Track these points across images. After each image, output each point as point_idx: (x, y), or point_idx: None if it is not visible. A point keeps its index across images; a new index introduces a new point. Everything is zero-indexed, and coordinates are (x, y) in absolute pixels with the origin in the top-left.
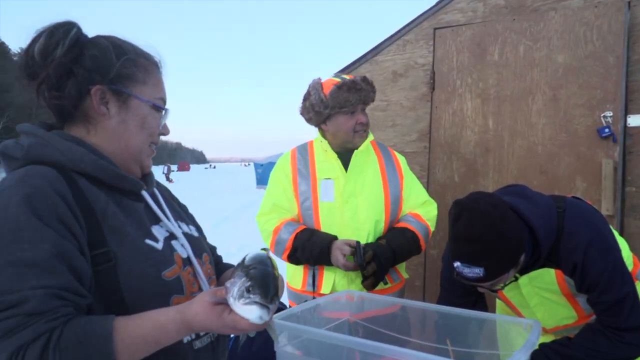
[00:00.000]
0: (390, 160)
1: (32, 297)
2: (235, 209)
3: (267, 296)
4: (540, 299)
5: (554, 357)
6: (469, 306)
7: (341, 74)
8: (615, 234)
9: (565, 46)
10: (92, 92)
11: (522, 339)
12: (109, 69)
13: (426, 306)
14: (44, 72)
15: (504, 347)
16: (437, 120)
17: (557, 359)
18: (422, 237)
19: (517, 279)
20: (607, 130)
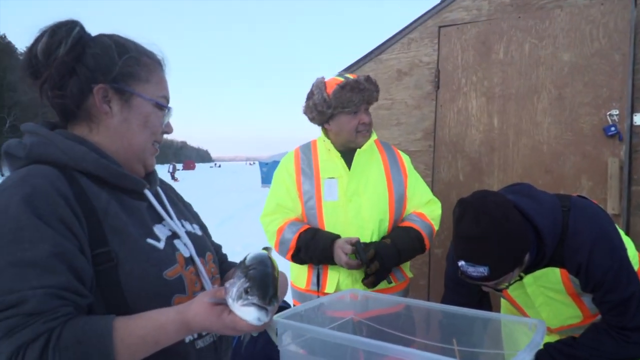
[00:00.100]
0: (394, 159)
1: (32, 297)
2: (240, 208)
3: (265, 298)
4: (545, 299)
5: (558, 356)
6: (473, 305)
7: (345, 73)
8: (621, 233)
9: (571, 44)
10: (95, 90)
11: (527, 339)
12: (111, 67)
13: (430, 305)
14: (47, 71)
15: (508, 346)
16: (442, 118)
17: (562, 358)
18: (426, 237)
19: (521, 278)
20: (613, 128)
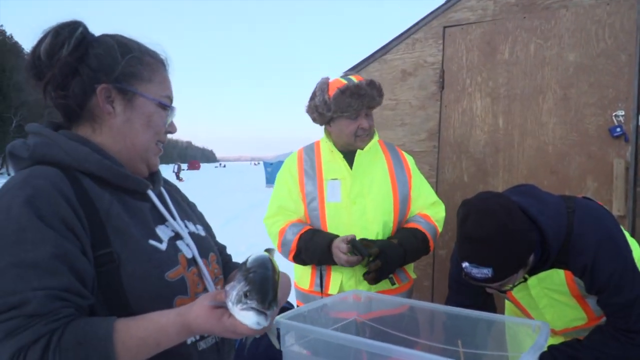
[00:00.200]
0: (398, 159)
1: (33, 299)
2: (244, 208)
3: (264, 302)
4: (549, 300)
5: (562, 359)
6: (477, 307)
7: (350, 74)
8: (626, 235)
9: (576, 44)
10: (98, 91)
11: (531, 341)
12: (114, 67)
13: (434, 307)
14: (50, 72)
15: (512, 348)
16: (447, 119)
17: None
18: (431, 238)
19: (526, 279)
20: (619, 129)
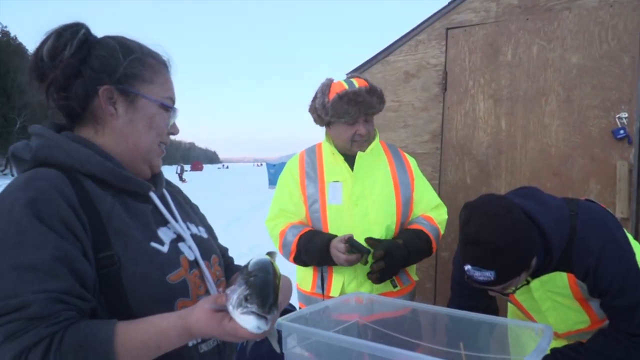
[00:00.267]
0: (400, 161)
1: (34, 302)
2: (247, 209)
3: (264, 306)
4: (552, 303)
5: None
6: (480, 309)
7: (353, 76)
8: (629, 238)
9: (579, 46)
10: (100, 92)
11: (533, 344)
12: (116, 68)
13: (436, 309)
14: (53, 74)
15: (515, 351)
16: (449, 121)
17: None
18: (434, 240)
19: (528, 282)
20: (622, 131)
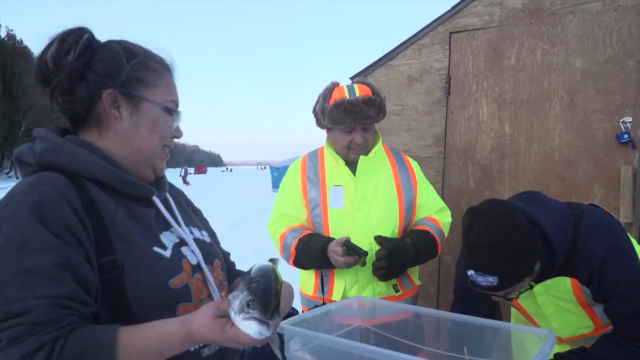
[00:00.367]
0: (403, 165)
1: (37, 307)
2: (250, 212)
3: (266, 312)
4: (555, 308)
5: None
6: (483, 314)
7: (358, 81)
8: (633, 243)
9: (583, 50)
10: (104, 96)
11: (537, 349)
12: (120, 72)
13: (439, 314)
14: (57, 78)
15: (518, 356)
16: (453, 125)
17: None
18: (439, 242)
19: (532, 287)
20: (626, 136)
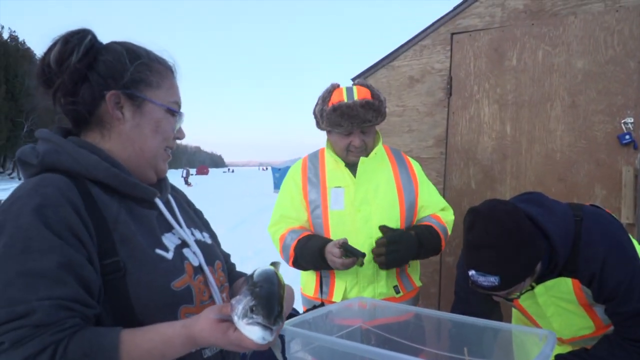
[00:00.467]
0: (404, 166)
1: (39, 308)
2: (252, 213)
3: (270, 317)
4: (556, 309)
5: None
6: (484, 315)
7: (358, 83)
8: (635, 244)
9: (585, 51)
10: (107, 97)
11: (537, 350)
12: (123, 73)
13: (440, 314)
14: (60, 79)
15: (519, 357)
16: (454, 126)
17: None
18: (443, 237)
19: (533, 288)
20: (627, 137)
